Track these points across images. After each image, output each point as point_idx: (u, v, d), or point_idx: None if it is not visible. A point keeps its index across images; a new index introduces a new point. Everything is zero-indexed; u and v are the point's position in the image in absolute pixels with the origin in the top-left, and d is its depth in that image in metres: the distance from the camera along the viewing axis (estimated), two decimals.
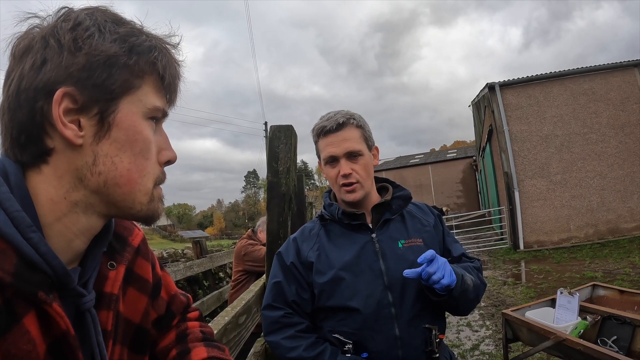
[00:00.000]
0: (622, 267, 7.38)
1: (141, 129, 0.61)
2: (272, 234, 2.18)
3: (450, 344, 4.77)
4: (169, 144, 0.68)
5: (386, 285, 1.33)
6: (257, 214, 76.05)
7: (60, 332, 0.56)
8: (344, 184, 1.38)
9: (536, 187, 11.06)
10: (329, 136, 1.39)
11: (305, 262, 1.41)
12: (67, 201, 0.59)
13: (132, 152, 0.61)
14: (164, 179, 0.68)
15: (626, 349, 2.09)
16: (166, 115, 0.67)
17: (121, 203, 0.62)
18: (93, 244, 0.66)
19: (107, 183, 0.59)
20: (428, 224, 1.48)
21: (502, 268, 9.30)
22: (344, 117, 1.39)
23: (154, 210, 0.65)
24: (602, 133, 10.77)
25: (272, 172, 2.19)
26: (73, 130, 0.56)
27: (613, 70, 10.89)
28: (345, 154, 1.37)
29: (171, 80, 0.65)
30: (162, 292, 0.90)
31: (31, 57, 0.56)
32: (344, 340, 1.31)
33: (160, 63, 0.62)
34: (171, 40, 0.66)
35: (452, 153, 32.01)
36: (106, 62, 0.57)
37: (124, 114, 0.59)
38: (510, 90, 11.33)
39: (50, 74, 0.55)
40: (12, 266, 0.51)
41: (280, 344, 1.34)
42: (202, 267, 5.65)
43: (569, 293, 2.44)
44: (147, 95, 0.62)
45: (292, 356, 1.30)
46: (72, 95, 0.56)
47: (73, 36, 0.56)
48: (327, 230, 1.46)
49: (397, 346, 1.30)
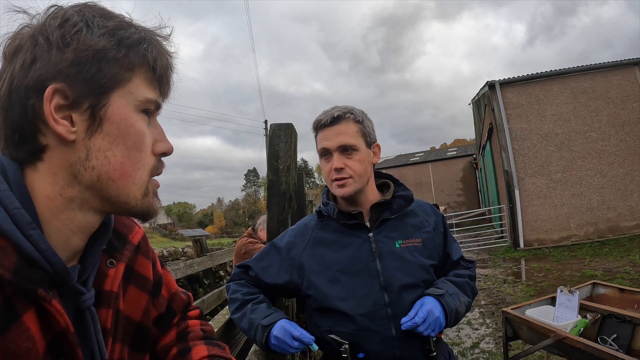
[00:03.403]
0: (622, 265, 7.37)
1: (133, 122, 0.61)
2: (272, 232, 2.18)
3: (450, 342, 4.77)
4: (164, 136, 0.67)
5: (382, 286, 1.32)
6: (257, 213, 76.04)
7: (60, 330, 0.56)
8: (336, 178, 1.36)
9: (536, 186, 11.05)
10: (325, 130, 1.38)
11: (296, 260, 1.42)
12: (63, 198, 0.59)
13: (125, 146, 0.60)
14: (161, 170, 0.67)
15: (626, 347, 2.09)
16: (159, 108, 0.67)
17: (115, 198, 0.61)
18: (92, 242, 0.66)
19: (100, 177, 0.59)
20: (428, 224, 1.46)
21: (502, 266, 9.30)
22: (341, 112, 1.37)
23: (149, 205, 0.65)
24: (602, 131, 10.76)
25: (272, 170, 2.19)
26: (65, 126, 0.56)
27: (613, 68, 10.87)
28: (339, 148, 1.35)
29: (163, 72, 0.64)
30: (163, 290, 0.90)
31: (21, 56, 0.56)
32: (340, 340, 1.30)
33: (151, 55, 0.61)
34: (162, 32, 0.65)
35: (453, 151, 31.97)
36: (95, 56, 0.57)
37: (116, 107, 0.59)
38: (511, 88, 11.32)
39: (40, 71, 0.55)
40: (12, 263, 0.51)
41: (229, 286, 1.50)
42: (203, 266, 5.64)
43: (569, 291, 2.44)
44: (139, 87, 0.62)
45: (233, 297, 1.45)
46: (63, 91, 0.56)
47: (61, 33, 0.56)
48: (324, 227, 1.45)
49: (394, 346, 1.30)
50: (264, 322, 1.31)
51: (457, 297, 1.34)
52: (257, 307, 1.38)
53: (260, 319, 1.32)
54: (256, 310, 1.36)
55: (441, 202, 25.34)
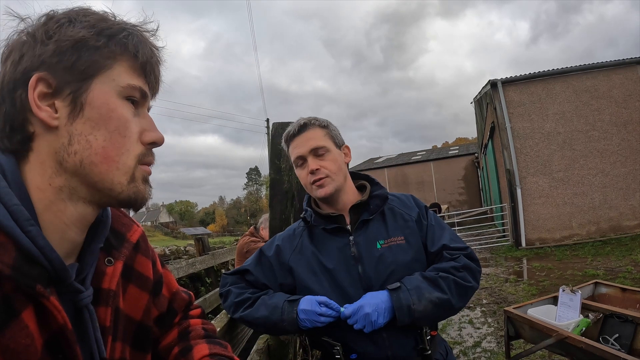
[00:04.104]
0: (624, 265, 7.35)
1: (115, 107, 0.62)
2: (274, 231, 2.18)
3: (451, 341, 4.77)
4: (154, 126, 0.68)
5: (364, 289, 1.32)
6: (259, 211, 76.13)
7: (58, 327, 0.57)
8: (314, 180, 1.38)
9: (538, 185, 11.03)
10: (294, 139, 1.43)
11: (285, 264, 1.43)
12: (52, 187, 0.60)
13: (107, 130, 0.61)
14: (151, 158, 0.67)
15: (628, 347, 2.08)
16: (146, 97, 0.67)
17: (100, 184, 0.62)
18: (90, 240, 0.66)
19: (83, 162, 0.60)
20: (410, 218, 1.43)
21: (504, 265, 9.28)
22: (306, 120, 1.43)
23: (137, 191, 0.64)
24: (605, 130, 10.73)
25: (274, 169, 2.19)
26: (47, 112, 0.59)
27: (616, 67, 10.82)
28: (311, 152, 1.39)
29: (147, 60, 0.65)
30: (164, 290, 0.90)
31: (12, 56, 0.59)
32: (332, 342, 1.31)
33: (131, 42, 0.63)
34: (147, 26, 0.67)
35: (454, 150, 31.91)
36: (74, 45, 0.59)
37: (96, 93, 0.61)
38: (513, 87, 11.29)
39: (26, 64, 0.58)
40: (11, 259, 0.52)
41: (230, 290, 1.45)
42: (205, 264, 5.64)
43: (571, 291, 2.43)
44: (121, 75, 0.63)
45: (241, 298, 1.40)
46: (45, 79, 0.58)
47: (45, 29, 0.59)
48: (310, 232, 1.46)
49: (385, 346, 1.29)
50: (289, 299, 1.32)
51: (419, 292, 1.25)
52: (275, 295, 1.38)
53: (285, 299, 1.33)
54: (275, 296, 1.37)
55: (443, 201, 25.31)
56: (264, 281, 1.44)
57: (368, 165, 29.58)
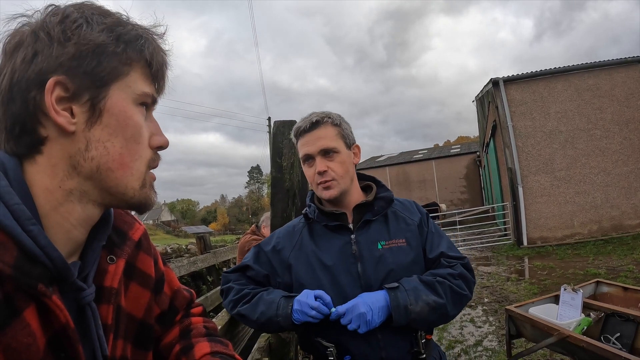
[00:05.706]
0: (626, 264, 7.34)
1: (131, 114, 0.63)
2: (275, 229, 2.18)
3: (453, 339, 4.78)
4: (159, 130, 0.69)
5: (363, 289, 1.31)
6: (261, 210, 76.16)
7: (60, 325, 0.57)
8: (320, 182, 1.38)
9: (540, 183, 11.01)
10: (305, 136, 1.40)
11: (285, 262, 1.42)
12: (62, 190, 0.60)
13: (124, 137, 0.62)
14: (157, 162, 0.69)
15: (629, 346, 2.08)
16: (155, 102, 0.69)
17: (114, 189, 0.63)
18: (92, 238, 0.66)
19: (100, 168, 0.60)
20: (412, 222, 1.44)
21: (506, 264, 9.27)
22: (318, 117, 1.39)
23: (146, 196, 0.66)
24: (607, 129, 10.70)
25: (276, 167, 2.19)
26: (65, 117, 0.58)
27: (618, 66, 10.79)
28: (320, 152, 1.37)
29: (159, 67, 0.66)
30: (165, 288, 0.90)
31: (22, 51, 0.57)
32: (325, 343, 1.30)
33: (147, 50, 0.63)
34: (157, 30, 0.67)
35: (456, 149, 31.87)
36: (95, 50, 0.58)
37: (115, 100, 0.61)
38: (514, 85, 11.26)
39: (42, 64, 0.56)
40: (12, 259, 0.52)
41: (231, 287, 1.45)
42: (206, 263, 5.66)
43: (572, 290, 2.43)
44: (136, 82, 0.63)
45: (241, 294, 1.41)
46: (64, 83, 0.57)
47: (62, 28, 0.58)
48: (311, 229, 1.46)
49: (380, 347, 1.29)
50: (286, 295, 1.33)
51: (417, 294, 1.25)
52: (273, 291, 1.38)
53: (282, 295, 1.33)
54: (273, 292, 1.37)
55: (444, 199, 25.31)
56: (266, 272, 1.45)
57: (370, 164, 29.55)
